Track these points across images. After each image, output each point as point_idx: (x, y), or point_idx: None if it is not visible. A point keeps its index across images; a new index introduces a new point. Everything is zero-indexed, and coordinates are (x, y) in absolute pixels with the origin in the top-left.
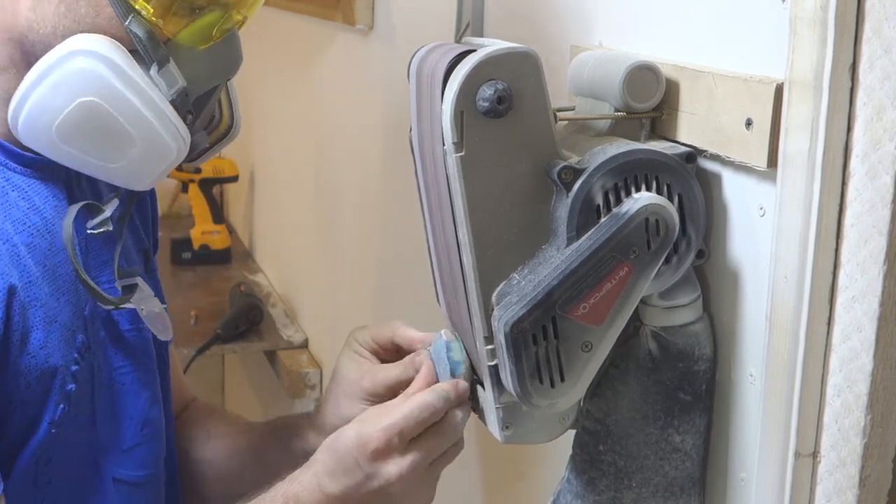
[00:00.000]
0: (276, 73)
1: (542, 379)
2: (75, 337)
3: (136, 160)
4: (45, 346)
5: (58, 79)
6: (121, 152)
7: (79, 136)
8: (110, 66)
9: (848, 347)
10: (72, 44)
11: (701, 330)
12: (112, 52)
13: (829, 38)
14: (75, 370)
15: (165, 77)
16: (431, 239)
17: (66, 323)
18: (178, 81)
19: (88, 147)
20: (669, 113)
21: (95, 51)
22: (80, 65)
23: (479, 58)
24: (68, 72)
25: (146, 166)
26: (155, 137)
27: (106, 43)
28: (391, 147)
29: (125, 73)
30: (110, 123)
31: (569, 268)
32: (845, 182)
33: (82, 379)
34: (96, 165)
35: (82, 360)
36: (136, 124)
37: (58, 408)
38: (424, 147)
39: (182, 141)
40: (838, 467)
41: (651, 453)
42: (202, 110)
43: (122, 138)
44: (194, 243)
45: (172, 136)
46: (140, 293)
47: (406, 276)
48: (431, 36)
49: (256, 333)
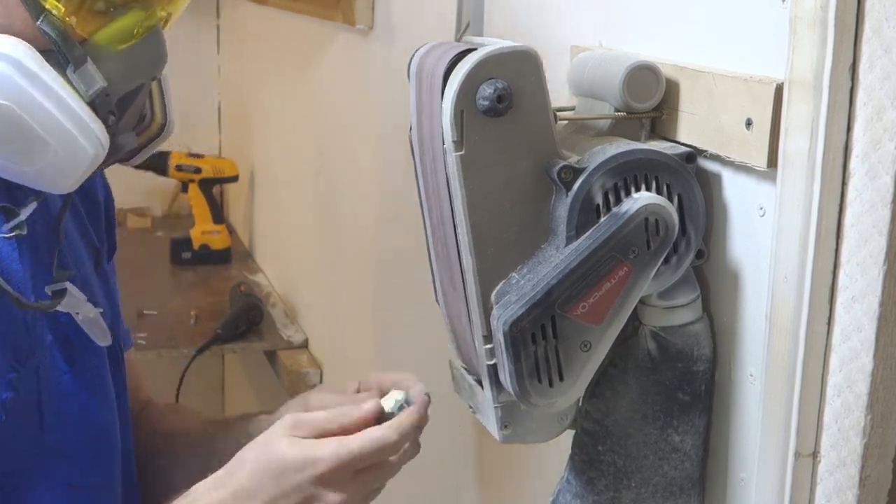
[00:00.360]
0: (276, 73)
1: (541, 378)
2: (14, 343)
3: (51, 164)
4: None
5: None
6: (35, 156)
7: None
8: (19, 70)
9: (848, 347)
10: None
11: (700, 330)
12: (21, 54)
13: (829, 38)
14: (12, 378)
15: (83, 77)
16: (431, 238)
17: (1, 329)
18: (98, 82)
19: (2, 151)
20: (669, 113)
21: (2, 52)
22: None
23: (479, 57)
24: None
25: (62, 170)
26: (69, 140)
27: (14, 43)
28: (391, 147)
29: (35, 76)
30: (23, 128)
31: (568, 267)
32: (845, 182)
33: (24, 387)
34: (10, 169)
35: (21, 367)
36: (48, 128)
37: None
38: (424, 146)
39: (99, 144)
40: (838, 467)
41: (650, 453)
42: (126, 110)
43: (36, 142)
44: (194, 243)
45: (88, 140)
46: (70, 298)
47: (406, 276)
48: (431, 36)
49: (256, 333)
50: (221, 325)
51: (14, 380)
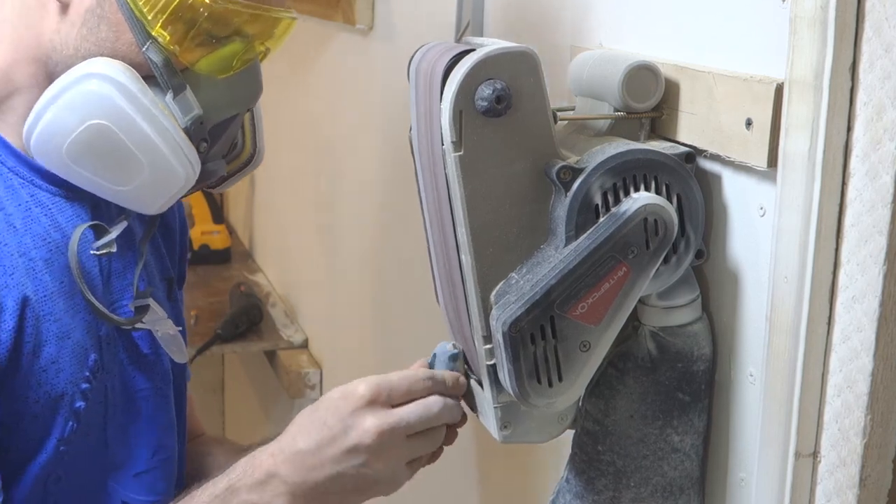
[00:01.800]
0: (276, 73)
1: (540, 378)
2: (88, 355)
3: (144, 185)
4: (56, 361)
5: (70, 100)
6: (129, 176)
7: (88, 157)
8: (121, 91)
9: (848, 347)
10: (86, 67)
11: (700, 330)
12: (124, 77)
13: (829, 38)
14: (85, 388)
15: (181, 104)
16: (431, 238)
17: (79, 340)
18: (194, 109)
19: (97, 168)
20: (669, 113)
21: (107, 74)
22: (92, 87)
23: (477, 57)
24: (80, 94)
25: (154, 191)
26: (163, 163)
27: (119, 67)
28: (391, 147)
29: (136, 98)
30: (119, 147)
31: (567, 267)
32: (845, 182)
33: (94, 399)
34: (105, 187)
35: (94, 380)
36: (144, 149)
37: (67, 424)
38: (424, 146)
39: (191, 168)
40: (838, 467)
41: (650, 453)
42: (219, 138)
43: (131, 162)
44: (194, 243)
45: (181, 163)
46: (152, 314)
47: (406, 276)
48: (431, 36)
49: (256, 333)
50: (221, 325)
51: (87, 391)
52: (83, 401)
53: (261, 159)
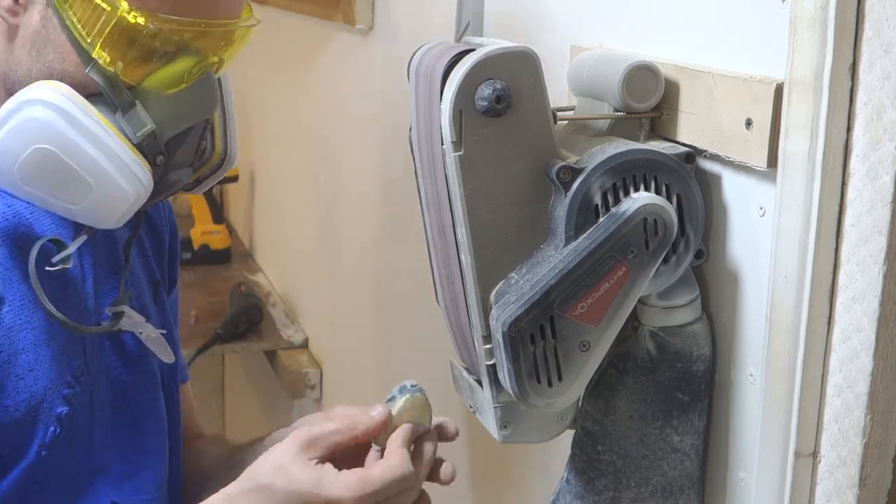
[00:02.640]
0: (276, 73)
1: (540, 378)
2: (71, 361)
3: (95, 203)
4: (34, 368)
5: (16, 124)
6: (79, 196)
7: (38, 178)
8: (63, 116)
9: (848, 347)
10: (29, 92)
11: (699, 330)
12: (65, 102)
13: (829, 38)
14: (68, 394)
15: (131, 120)
16: (430, 238)
17: (61, 347)
18: (146, 124)
19: (48, 188)
20: (669, 113)
21: (48, 100)
22: (35, 114)
23: (477, 57)
24: (24, 119)
25: (106, 208)
26: (111, 183)
27: (59, 92)
28: (391, 147)
29: (77, 122)
30: (66, 169)
31: (567, 267)
32: (845, 182)
33: (78, 403)
34: (58, 206)
35: (78, 384)
36: (90, 171)
37: (48, 430)
38: (423, 146)
39: (139, 183)
40: (838, 467)
41: (649, 453)
42: (177, 150)
43: (78, 183)
44: (194, 243)
45: (129, 181)
46: (128, 320)
47: (406, 276)
48: (431, 36)
49: (256, 333)
50: (221, 326)
51: (70, 396)
52: (66, 406)
53: (232, 162)
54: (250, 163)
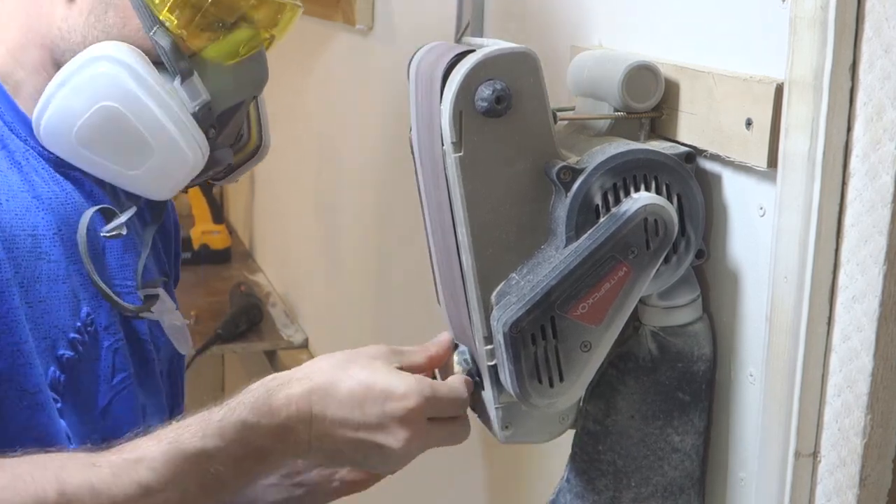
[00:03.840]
0: (276, 73)
1: (541, 379)
2: (80, 307)
3: (153, 168)
4: (45, 300)
5: (80, 82)
6: (138, 159)
7: (98, 140)
8: (131, 73)
9: (848, 347)
10: (94, 50)
11: (700, 330)
12: (132, 59)
13: (829, 38)
14: (74, 338)
15: (189, 89)
16: (431, 239)
17: (73, 288)
18: (202, 95)
19: (107, 152)
20: (669, 113)
21: (115, 56)
22: (102, 69)
23: (477, 58)
24: (89, 76)
25: (164, 175)
26: (173, 147)
27: (126, 49)
28: (391, 147)
29: (146, 81)
30: (129, 130)
31: (567, 268)
32: (845, 182)
33: (84, 354)
34: (114, 171)
35: (86, 333)
36: (154, 132)
37: (48, 369)
38: (424, 147)
39: (200, 152)
40: (838, 467)
41: (650, 453)
42: (226, 125)
43: (141, 145)
44: (194, 243)
45: (190, 147)
46: (161, 304)
47: (406, 277)
48: (431, 36)
49: (256, 333)
50: (221, 326)
51: (76, 341)
52: (70, 350)
53: (266, 151)
54: None
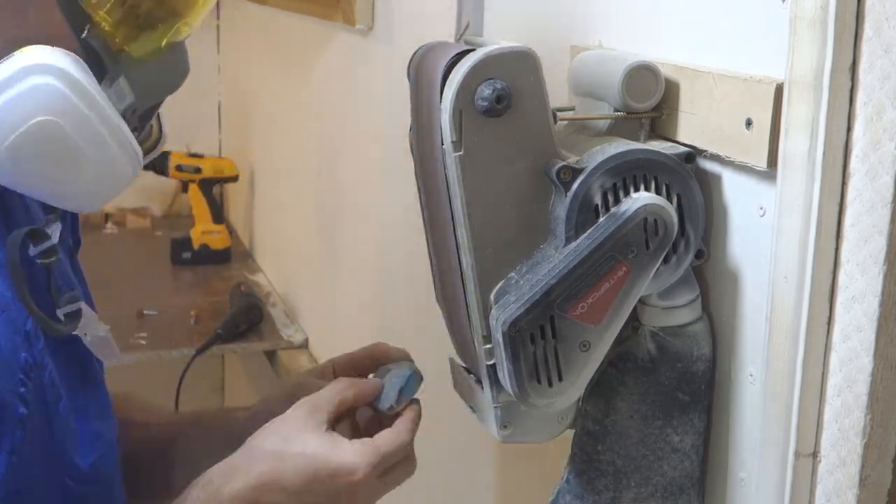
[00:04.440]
0: (276, 73)
1: (540, 378)
2: (18, 356)
3: (88, 182)
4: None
5: (12, 96)
6: (72, 174)
7: (30, 156)
8: (71, 83)
9: (848, 347)
10: (27, 58)
11: (700, 330)
12: (72, 68)
13: (829, 38)
14: (23, 392)
15: (116, 92)
16: (430, 238)
17: (5, 346)
18: (128, 97)
19: (39, 168)
20: (669, 113)
21: (55, 65)
22: (40, 81)
23: (477, 57)
24: (27, 88)
25: (98, 188)
26: (111, 158)
27: (64, 57)
28: (391, 147)
29: (86, 91)
30: (66, 144)
31: (567, 267)
32: (845, 182)
33: (33, 400)
34: (44, 187)
35: (29, 380)
36: (93, 144)
37: (15, 435)
38: (423, 146)
39: (137, 161)
40: (838, 467)
41: (650, 453)
42: (145, 125)
43: (77, 159)
44: (194, 243)
45: (129, 158)
46: (84, 318)
47: (406, 276)
48: (431, 36)
49: (256, 333)
50: (221, 326)
51: (25, 394)
52: (24, 406)
53: (166, 140)
54: (250, 163)
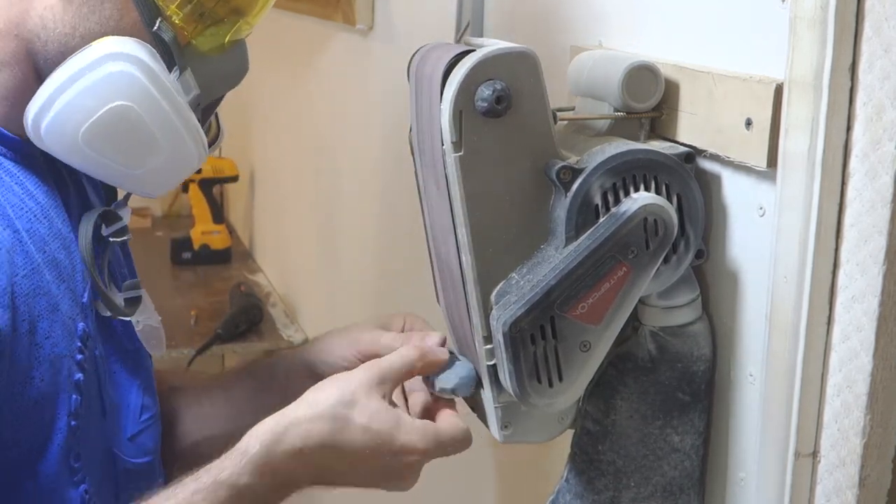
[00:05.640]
0: (276, 73)
1: (541, 378)
2: (76, 324)
3: (157, 167)
4: (50, 335)
5: (91, 82)
6: (144, 159)
7: (105, 140)
8: (146, 71)
9: (847, 347)
10: (105, 46)
11: (700, 330)
12: (146, 57)
13: (829, 38)
14: (80, 359)
15: (183, 84)
16: (431, 238)
17: (67, 311)
18: (193, 89)
19: (113, 152)
20: (669, 113)
21: (131, 53)
22: (118, 67)
23: (477, 58)
24: (105, 74)
25: (168, 173)
26: (180, 145)
27: (139, 46)
28: (391, 147)
29: (159, 79)
30: (140, 129)
31: (567, 267)
32: (845, 182)
33: (88, 368)
34: (115, 171)
35: (86, 349)
36: (164, 131)
37: (72, 398)
38: (424, 147)
39: (203, 149)
40: (838, 467)
41: (650, 453)
42: (207, 119)
43: (149, 145)
44: (194, 243)
45: (196, 144)
46: (143, 306)
47: (406, 276)
48: (431, 36)
49: (256, 333)
50: (221, 326)
51: (82, 361)
52: (80, 372)
53: (223, 138)
54: (250, 163)
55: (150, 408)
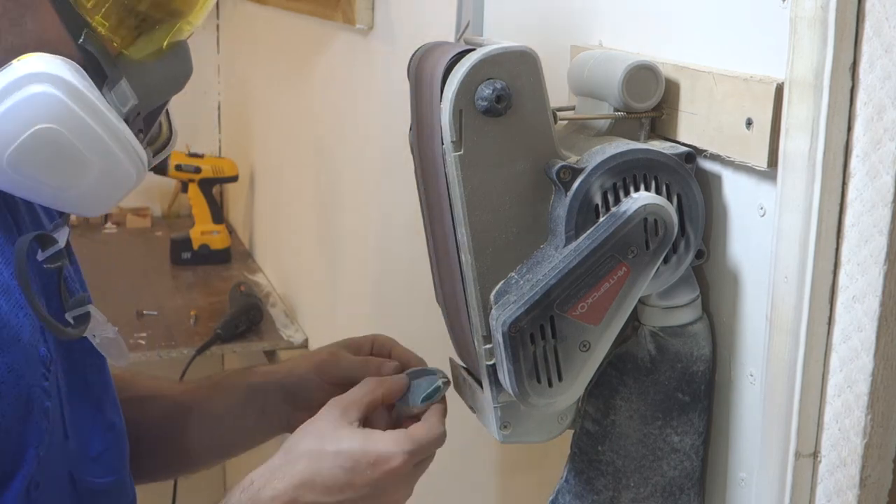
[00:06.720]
0: (276, 73)
1: (540, 378)
2: (38, 350)
3: (90, 187)
4: (13, 368)
5: (12, 103)
6: (76, 179)
7: (32, 163)
8: (69, 91)
9: (848, 347)
10: (26, 66)
11: (700, 330)
12: (70, 75)
13: (830, 38)
14: (47, 386)
15: (118, 95)
16: (431, 238)
17: (28, 339)
18: (130, 99)
19: (41, 174)
20: (669, 113)
21: (52, 73)
22: (39, 89)
23: (477, 57)
24: (25, 97)
25: (103, 192)
26: (115, 163)
27: (61, 64)
28: (391, 147)
29: (84, 97)
30: (68, 150)
31: (567, 267)
32: (845, 182)
33: (53, 392)
34: (47, 193)
35: (49, 374)
36: (95, 150)
37: (41, 430)
38: (423, 146)
39: (141, 164)
40: (838, 467)
41: (649, 453)
42: (151, 127)
43: (79, 164)
44: (194, 243)
45: (132, 161)
46: (94, 321)
47: (405, 276)
48: (431, 36)
49: (256, 333)
50: (221, 326)
51: (48, 388)
52: (48, 399)
53: (175, 141)
54: (250, 163)
55: (116, 425)
